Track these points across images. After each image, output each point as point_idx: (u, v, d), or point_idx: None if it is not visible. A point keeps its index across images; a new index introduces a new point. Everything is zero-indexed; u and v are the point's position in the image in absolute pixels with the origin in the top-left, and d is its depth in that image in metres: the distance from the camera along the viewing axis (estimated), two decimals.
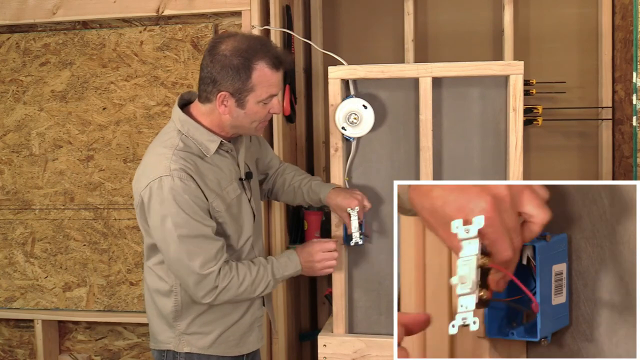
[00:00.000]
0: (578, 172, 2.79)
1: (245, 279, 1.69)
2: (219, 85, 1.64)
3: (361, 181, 1.89)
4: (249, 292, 1.71)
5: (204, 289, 1.65)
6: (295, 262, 1.78)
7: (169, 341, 1.76)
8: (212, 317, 1.76)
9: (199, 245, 1.63)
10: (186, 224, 1.61)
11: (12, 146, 2.76)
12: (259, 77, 1.64)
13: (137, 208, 1.69)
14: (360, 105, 1.82)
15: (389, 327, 1.88)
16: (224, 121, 1.69)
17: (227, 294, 1.67)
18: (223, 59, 1.63)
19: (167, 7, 2.55)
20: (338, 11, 2.94)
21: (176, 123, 1.71)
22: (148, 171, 1.65)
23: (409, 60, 2.78)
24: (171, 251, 1.63)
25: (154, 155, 1.68)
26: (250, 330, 1.82)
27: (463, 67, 1.79)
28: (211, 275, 1.64)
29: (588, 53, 2.76)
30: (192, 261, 1.62)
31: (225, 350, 1.78)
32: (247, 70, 1.62)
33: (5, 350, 2.93)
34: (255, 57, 1.63)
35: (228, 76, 1.63)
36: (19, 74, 2.73)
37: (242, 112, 1.67)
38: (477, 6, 2.83)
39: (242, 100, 1.66)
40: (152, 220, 1.65)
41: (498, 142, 1.83)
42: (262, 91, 1.66)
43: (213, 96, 1.66)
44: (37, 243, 2.76)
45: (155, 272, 1.76)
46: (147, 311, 1.83)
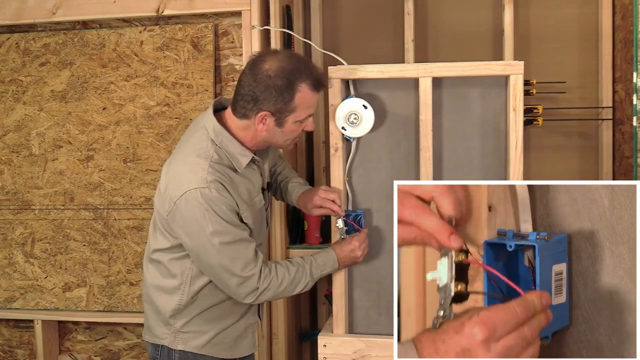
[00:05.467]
0: (578, 172, 2.79)
1: (284, 280, 1.74)
2: (261, 105, 1.65)
3: (361, 181, 1.89)
4: (287, 292, 1.77)
5: (246, 290, 1.70)
6: (333, 261, 1.83)
7: (164, 337, 1.79)
8: (209, 318, 1.78)
9: (238, 249, 1.67)
10: (226, 231, 1.65)
11: (12, 146, 2.76)
12: (301, 98, 1.66)
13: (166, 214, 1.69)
14: (360, 105, 1.82)
15: (389, 327, 1.88)
16: (259, 137, 1.72)
17: (268, 294, 1.73)
18: (267, 80, 1.63)
19: (167, 7, 2.55)
20: (338, 11, 2.94)
21: (209, 132, 1.71)
22: (183, 180, 1.65)
23: (409, 60, 2.78)
24: (212, 258, 1.66)
25: (188, 164, 1.68)
26: (244, 334, 1.85)
27: (463, 67, 1.79)
28: (253, 277, 1.69)
29: (588, 53, 2.76)
30: (234, 265, 1.67)
31: (219, 352, 1.80)
32: (290, 92, 1.64)
33: (5, 351, 2.93)
34: (299, 79, 1.65)
35: (271, 97, 1.64)
36: (19, 74, 2.73)
37: (279, 131, 1.71)
38: (477, 6, 2.83)
39: (282, 120, 1.68)
40: (188, 228, 1.66)
41: (498, 142, 1.83)
42: (302, 112, 1.69)
43: (252, 114, 1.67)
44: (37, 243, 2.76)
45: (163, 269, 1.77)
46: (144, 304, 1.86)
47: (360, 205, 1.89)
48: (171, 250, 1.74)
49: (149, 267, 1.81)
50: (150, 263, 1.81)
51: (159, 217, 1.75)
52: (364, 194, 1.89)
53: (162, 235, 1.75)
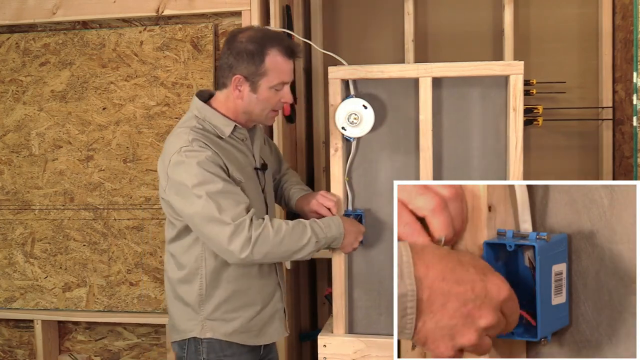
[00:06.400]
0: (578, 172, 2.79)
1: (280, 229, 1.66)
2: (234, 69, 1.73)
3: (361, 181, 1.89)
4: (289, 246, 1.68)
5: (238, 241, 1.62)
6: (338, 224, 1.76)
7: (191, 329, 1.78)
8: (235, 305, 1.78)
9: (226, 199, 1.65)
10: (212, 181, 1.65)
11: (12, 146, 2.76)
12: (272, 62, 1.72)
13: (163, 190, 1.73)
14: (360, 106, 1.82)
15: (389, 327, 1.88)
16: (237, 106, 1.76)
17: (264, 246, 1.64)
18: (239, 45, 1.72)
19: (167, 7, 2.55)
20: (338, 11, 2.94)
21: (193, 111, 1.79)
22: (169, 150, 1.72)
23: (409, 60, 2.78)
24: (200, 212, 1.64)
25: (172, 136, 1.76)
26: (270, 321, 1.85)
27: (463, 67, 1.79)
28: (243, 224, 1.63)
29: (588, 53, 2.76)
30: (222, 213, 1.63)
31: (246, 339, 1.80)
32: (260, 55, 1.71)
33: (5, 351, 2.93)
34: (269, 43, 1.72)
35: (243, 60, 1.71)
36: (19, 74, 2.73)
37: (254, 97, 1.75)
38: (477, 6, 2.83)
39: (255, 85, 1.73)
40: (177, 190, 1.68)
41: (498, 142, 1.82)
42: (274, 77, 1.73)
43: (228, 80, 1.74)
44: (37, 243, 2.76)
45: (175, 259, 1.79)
46: (169, 306, 1.85)
47: (360, 205, 1.89)
48: (179, 237, 1.77)
49: (170, 262, 1.83)
50: (168, 259, 1.83)
51: (165, 206, 1.77)
52: (364, 194, 1.89)
53: (170, 224, 1.79)
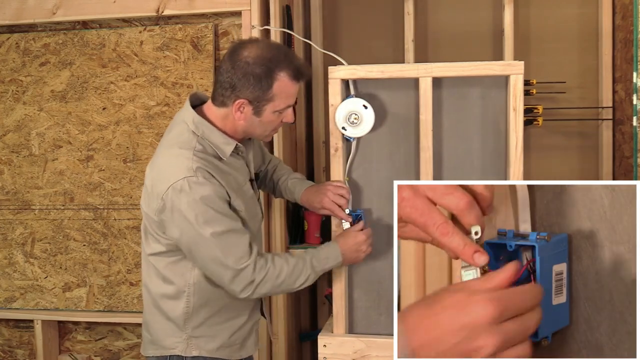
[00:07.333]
0: (578, 172, 2.79)
1: (282, 271, 1.67)
2: (238, 92, 1.63)
3: (361, 181, 1.89)
4: (287, 285, 1.69)
5: (241, 283, 1.63)
6: (336, 255, 1.76)
7: (174, 346, 1.73)
8: (221, 320, 1.74)
9: (231, 240, 1.61)
10: (217, 221, 1.59)
11: (12, 146, 2.76)
12: (280, 87, 1.64)
13: (155, 213, 1.64)
14: (361, 106, 1.82)
15: (389, 327, 1.88)
16: (238, 126, 1.69)
17: (265, 287, 1.65)
18: (245, 66, 1.61)
19: (167, 7, 2.55)
20: (338, 11, 2.94)
21: (189, 124, 1.67)
22: (168, 173, 1.61)
23: (409, 60, 2.78)
24: (204, 251, 1.61)
25: (172, 156, 1.64)
26: (250, 334, 1.83)
27: (463, 67, 1.79)
28: (247, 268, 1.62)
29: (588, 53, 2.76)
30: (227, 258, 1.60)
31: (231, 354, 1.77)
32: (269, 80, 1.62)
33: (5, 351, 2.93)
34: (278, 67, 1.62)
35: (249, 84, 1.61)
36: (19, 74, 2.73)
37: (257, 120, 1.68)
38: (477, 6, 2.83)
39: (260, 109, 1.65)
40: (178, 222, 1.60)
41: (498, 142, 1.83)
42: (280, 102, 1.66)
43: (230, 101, 1.65)
44: (37, 243, 2.76)
45: (158, 272, 1.71)
46: (147, 317, 1.79)
47: (360, 205, 1.89)
48: (166, 254, 1.69)
49: (150, 273, 1.75)
50: (148, 269, 1.75)
51: (149, 221, 1.69)
52: (364, 194, 1.89)
53: (154, 240, 1.70)
